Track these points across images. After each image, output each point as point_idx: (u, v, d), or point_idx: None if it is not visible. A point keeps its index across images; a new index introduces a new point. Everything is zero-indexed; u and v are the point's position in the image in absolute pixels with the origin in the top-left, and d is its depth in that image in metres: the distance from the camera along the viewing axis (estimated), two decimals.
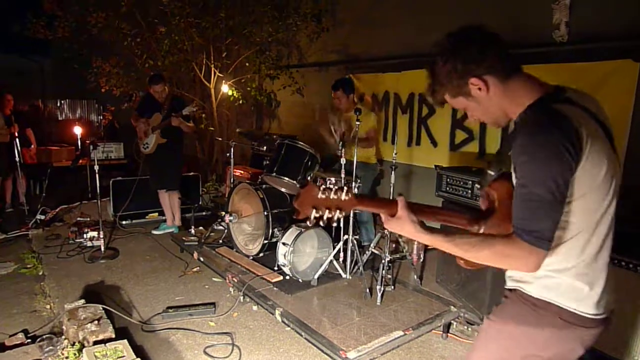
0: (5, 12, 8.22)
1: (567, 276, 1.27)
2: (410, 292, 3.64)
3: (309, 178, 3.95)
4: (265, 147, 4.67)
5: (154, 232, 5.25)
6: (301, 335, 2.99)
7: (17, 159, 5.83)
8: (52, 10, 6.69)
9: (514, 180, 1.25)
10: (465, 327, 3.29)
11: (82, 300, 3.14)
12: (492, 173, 1.48)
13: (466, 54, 1.28)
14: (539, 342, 1.33)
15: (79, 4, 6.55)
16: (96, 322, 2.82)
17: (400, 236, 4.52)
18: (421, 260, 4.29)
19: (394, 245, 4.30)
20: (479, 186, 1.53)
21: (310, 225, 3.62)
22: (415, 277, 3.85)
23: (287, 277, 3.69)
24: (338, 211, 1.26)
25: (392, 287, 3.66)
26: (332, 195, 1.26)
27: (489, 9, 4.35)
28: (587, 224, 1.25)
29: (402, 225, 1.31)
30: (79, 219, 5.54)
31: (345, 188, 1.28)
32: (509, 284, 1.42)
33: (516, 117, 1.31)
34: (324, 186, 1.26)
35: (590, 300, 1.28)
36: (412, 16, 5.12)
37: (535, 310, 1.31)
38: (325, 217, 1.26)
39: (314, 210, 1.25)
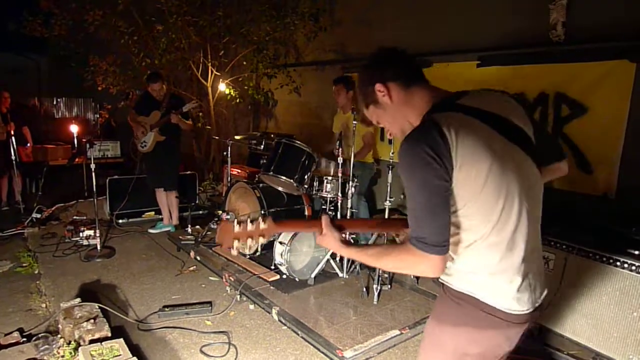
0: (1, 9, 8.17)
1: (482, 275, 1.29)
2: (407, 291, 3.65)
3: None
4: (262, 146, 4.66)
5: (151, 230, 5.24)
6: (298, 334, 2.99)
7: (13, 157, 5.80)
8: (48, 8, 6.64)
9: None
10: None
11: (78, 299, 3.13)
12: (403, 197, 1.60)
13: (373, 64, 1.44)
14: (464, 338, 1.34)
15: (76, 2, 6.51)
16: (92, 320, 2.82)
17: (397, 235, 4.55)
18: None
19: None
20: (402, 196, 1.69)
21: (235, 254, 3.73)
22: (412, 276, 3.86)
23: (284, 276, 3.70)
24: (260, 237, 1.43)
25: (389, 286, 3.67)
26: (249, 227, 1.40)
27: (486, 8, 4.35)
28: (484, 226, 1.25)
29: (327, 241, 1.45)
30: (75, 217, 5.52)
31: (261, 217, 1.43)
32: (441, 278, 1.42)
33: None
34: (237, 220, 1.41)
35: (509, 296, 1.28)
36: (410, 16, 5.12)
37: (459, 303, 1.33)
38: (248, 245, 1.44)
39: (236, 241, 1.40)
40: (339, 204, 3.92)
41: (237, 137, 5.43)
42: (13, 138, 5.78)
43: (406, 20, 5.19)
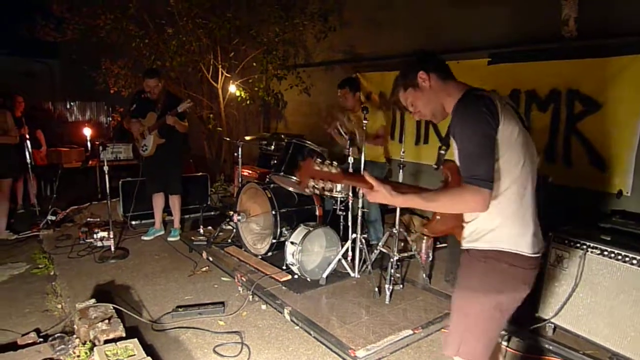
0: (15, 14, 8.31)
1: (504, 227, 1.62)
2: (419, 291, 3.63)
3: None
4: (273, 147, 4.66)
5: (144, 237, 5.09)
6: (310, 334, 2.99)
7: (27, 160, 5.88)
8: (60, 13, 6.75)
9: (456, 153, 1.61)
10: None
11: (93, 300, 3.16)
12: (442, 152, 1.83)
13: (419, 59, 1.79)
14: (494, 288, 1.65)
15: (88, 6, 6.59)
16: (107, 321, 2.84)
17: (409, 235, 4.53)
18: (430, 259, 4.27)
19: (402, 244, 4.29)
20: (435, 166, 1.80)
21: (309, 192, 3.94)
22: (424, 275, 3.84)
23: (296, 276, 3.70)
24: (329, 182, 1.60)
25: (401, 286, 3.65)
26: (325, 168, 1.59)
27: (497, 5, 4.31)
28: (510, 180, 1.59)
29: (380, 195, 1.63)
30: (89, 219, 5.58)
31: (335, 163, 1.63)
32: (464, 246, 1.75)
33: (452, 110, 1.68)
34: (319, 159, 1.64)
35: (526, 241, 1.63)
36: (420, 15, 5.10)
37: (485, 261, 1.65)
38: (320, 187, 1.61)
39: (312, 180, 1.59)
40: (349, 204, 3.91)
41: (247, 138, 5.42)
42: (28, 141, 5.86)
43: (416, 19, 5.17)
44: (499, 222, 1.62)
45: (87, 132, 6.85)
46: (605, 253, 2.68)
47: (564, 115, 3.82)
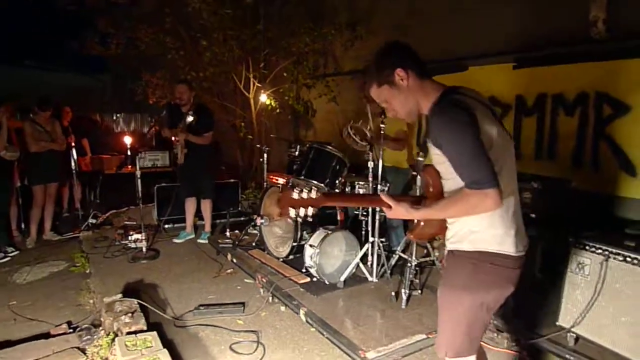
0: (65, 32, 8.98)
1: (488, 229, 1.63)
2: None
3: (336, 182, 4.00)
4: (297, 152, 4.75)
5: (175, 240, 5.34)
6: (323, 335, 3.03)
7: (73, 167, 6.28)
8: (105, 29, 7.22)
9: (436, 159, 1.64)
10: (495, 334, 3.18)
11: (120, 295, 3.34)
12: (421, 159, 1.89)
13: (396, 53, 1.71)
14: (480, 287, 1.66)
15: (129, 21, 7.01)
16: (130, 314, 3.00)
17: (431, 242, 4.47)
18: None
19: (425, 251, 4.24)
20: (414, 172, 1.83)
21: (290, 221, 3.94)
22: None
23: (315, 279, 3.75)
24: (310, 208, 1.67)
25: (420, 291, 3.62)
26: (304, 195, 1.67)
27: (523, 8, 4.24)
28: None
29: (399, 212, 1.69)
30: (126, 222, 5.89)
31: (315, 189, 1.70)
32: (449, 247, 1.76)
33: (427, 111, 1.68)
34: (297, 189, 1.68)
35: (510, 242, 1.64)
36: (445, 21, 5.08)
37: (471, 262, 1.66)
38: (303, 214, 1.68)
39: (291, 210, 1.66)
40: (369, 209, 3.93)
41: (271, 136, 5.54)
42: (74, 149, 6.26)
43: (441, 25, 5.15)
44: (485, 224, 1.63)
45: (128, 140, 7.24)
46: (629, 259, 2.57)
47: (592, 119, 3.69)
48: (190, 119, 4.82)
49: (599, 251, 2.70)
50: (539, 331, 2.93)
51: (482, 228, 1.63)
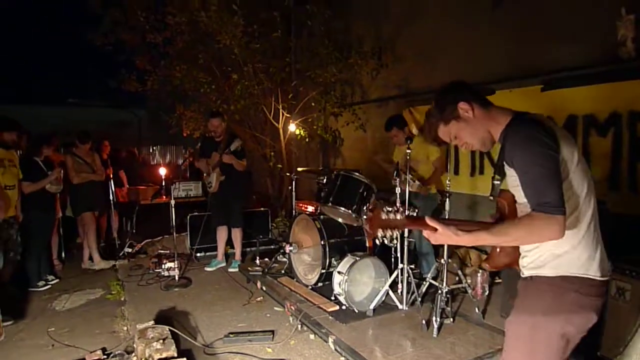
0: (105, 69, 9.57)
1: (573, 252, 1.55)
2: (471, 325, 3.47)
3: (365, 208, 4.00)
4: (325, 179, 4.80)
5: (207, 268, 5.43)
6: None
7: (111, 197, 6.54)
8: (143, 66, 7.63)
9: (511, 181, 1.58)
10: None
11: (152, 322, 3.40)
12: (497, 182, 1.71)
13: (453, 90, 1.74)
14: (562, 315, 1.54)
15: (165, 59, 7.40)
16: (162, 341, 3.05)
17: (464, 269, 4.37)
18: (486, 293, 4.08)
19: (457, 278, 4.14)
20: (491, 197, 1.72)
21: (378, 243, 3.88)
22: (478, 310, 3.67)
23: (344, 307, 3.71)
24: (395, 230, 1.62)
25: (452, 320, 3.52)
26: (391, 216, 1.62)
27: (546, 31, 4.23)
28: (575, 203, 1.54)
29: (444, 237, 1.56)
30: (160, 251, 6.04)
31: (400, 209, 1.67)
32: (526, 273, 1.67)
33: (499, 137, 1.65)
34: (385, 209, 1.64)
35: (595, 265, 1.56)
36: (471, 47, 5.11)
37: (552, 288, 1.57)
38: (388, 236, 1.64)
39: (381, 230, 1.62)
40: (397, 234, 3.89)
41: (299, 169, 5.64)
42: (112, 181, 6.54)
43: (466, 50, 5.18)
44: (568, 248, 1.55)
45: (162, 171, 7.48)
46: None
47: (626, 139, 3.58)
48: (236, 144, 5.00)
49: None
50: None
51: (567, 252, 1.55)
